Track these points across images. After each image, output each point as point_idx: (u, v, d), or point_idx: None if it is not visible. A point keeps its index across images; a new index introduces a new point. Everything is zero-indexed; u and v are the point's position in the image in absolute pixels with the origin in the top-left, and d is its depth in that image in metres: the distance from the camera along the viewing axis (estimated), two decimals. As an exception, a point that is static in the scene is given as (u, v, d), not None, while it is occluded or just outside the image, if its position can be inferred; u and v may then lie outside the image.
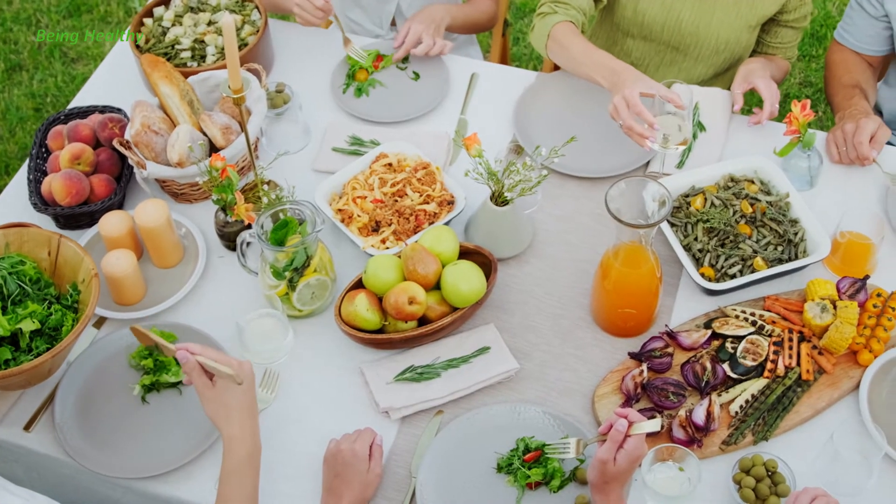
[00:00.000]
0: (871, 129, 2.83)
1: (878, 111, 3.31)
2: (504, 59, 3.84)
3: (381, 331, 2.51)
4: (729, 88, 3.13)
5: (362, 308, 2.46)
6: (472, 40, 3.70)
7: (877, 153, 2.84)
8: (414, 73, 3.16)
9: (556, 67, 3.64)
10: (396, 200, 2.73)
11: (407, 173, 2.78)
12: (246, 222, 2.64)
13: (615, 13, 3.17)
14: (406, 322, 2.48)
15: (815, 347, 2.51)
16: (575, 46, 2.93)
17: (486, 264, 2.59)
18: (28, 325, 2.42)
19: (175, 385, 2.51)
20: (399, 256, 2.54)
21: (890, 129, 2.90)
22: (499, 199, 2.60)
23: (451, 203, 2.74)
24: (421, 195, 2.73)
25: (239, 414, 2.17)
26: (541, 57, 3.78)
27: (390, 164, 2.82)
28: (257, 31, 3.07)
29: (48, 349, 2.41)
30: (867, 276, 2.60)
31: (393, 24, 3.49)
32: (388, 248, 2.65)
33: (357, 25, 3.53)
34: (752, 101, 3.51)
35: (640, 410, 2.40)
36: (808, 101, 2.76)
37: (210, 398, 2.17)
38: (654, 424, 2.10)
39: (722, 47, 3.13)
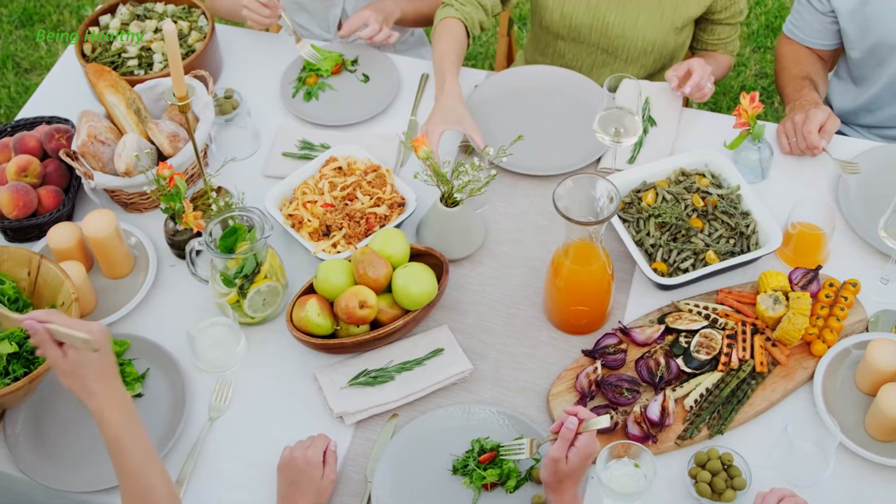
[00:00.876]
0: (821, 118, 2.83)
1: (829, 104, 3.32)
2: (511, 60, 3.81)
3: (333, 335, 2.50)
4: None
5: (313, 313, 2.45)
6: (423, 41, 3.68)
7: (826, 143, 2.84)
8: (364, 75, 3.14)
9: (509, 65, 3.64)
10: (347, 204, 2.72)
11: (357, 176, 2.76)
12: (195, 230, 2.62)
13: (544, 16, 3.18)
14: (358, 326, 2.47)
15: (768, 339, 2.51)
16: (438, 48, 2.99)
17: (438, 266, 2.58)
18: (5, 348, 2.39)
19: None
20: (350, 260, 2.53)
21: (839, 120, 2.90)
22: (448, 201, 2.59)
23: (401, 205, 2.72)
24: (371, 198, 2.72)
25: (100, 384, 2.03)
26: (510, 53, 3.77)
27: (340, 168, 2.80)
28: (204, 38, 3.05)
29: (25, 374, 2.38)
30: (819, 267, 2.60)
31: (340, 27, 3.48)
32: (339, 252, 2.63)
33: (304, 30, 3.51)
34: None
35: (594, 408, 2.39)
36: (757, 94, 2.76)
37: (66, 371, 2.02)
38: (604, 420, 2.09)
39: (649, 48, 3.14)
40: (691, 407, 2.41)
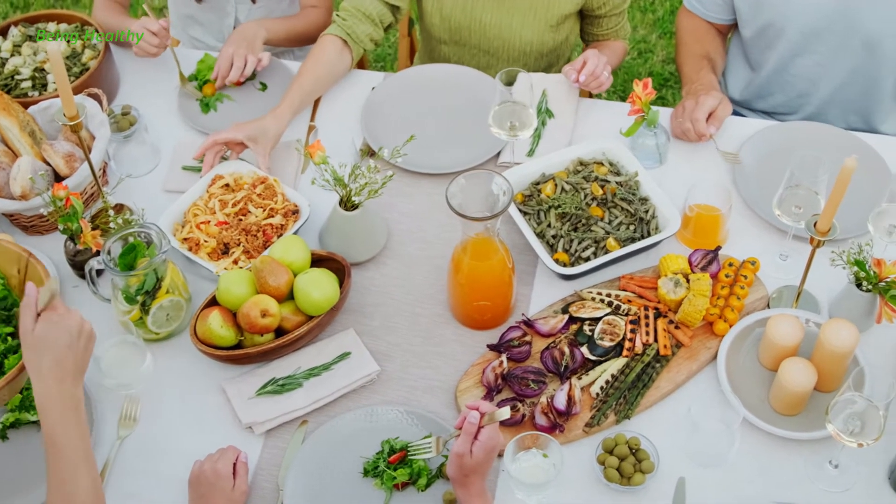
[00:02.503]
0: (711, 105, 2.86)
1: (727, 88, 3.36)
2: (360, 63, 3.82)
3: (238, 346, 2.49)
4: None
5: (216, 325, 2.44)
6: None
7: (715, 129, 2.87)
8: (261, 83, 3.14)
9: (410, 64, 3.65)
10: (241, 219, 2.71)
11: (246, 190, 2.75)
12: (95, 249, 2.61)
13: (425, 20, 3.20)
14: (262, 335, 2.46)
15: (671, 322, 2.54)
16: (300, 69, 3.02)
17: (341, 270, 2.58)
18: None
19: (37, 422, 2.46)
20: (251, 270, 2.52)
21: (731, 106, 2.93)
22: (347, 204, 2.59)
23: (296, 212, 2.72)
24: (264, 210, 2.71)
25: (53, 371, 2.00)
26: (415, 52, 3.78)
27: (227, 185, 2.79)
28: (98, 56, 3.03)
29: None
30: (718, 248, 2.63)
31: None
32: (241, 268, 2.62)
33: (199, 42, 3.51)
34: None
35: (501, 401, 2.40)
36: (650, 80, 2.79)
37: (28, 343, 2.01)
38: (505, 412, 2.11)
39: (528, 48, 3.17)
40: (597, 394, 2.43)
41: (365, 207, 2.62)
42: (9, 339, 2.40)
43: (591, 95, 3.38)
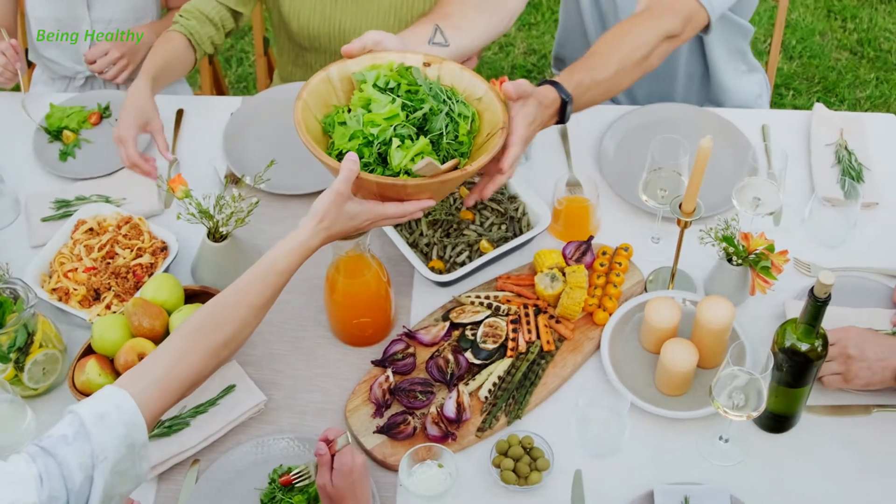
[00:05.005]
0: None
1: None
2: (219, 88, 3.79)
3: (119, 392, 2.44)
4: None
5: (94, 374, 2.39)
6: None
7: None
8: (117, 121, 3.07)
9: (269, 83, 3.62)
10: (108, 263, 2.66)
11: (111, 232, 2.70)
12: (-42, 312, 2.54)
13: (288, 29, 3.17)
14: (142, 378, 2.42)
15: (552, 317, 2.55)
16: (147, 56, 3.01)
17: (216, 303, 2.55)
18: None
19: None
20: (124, 314, 2.47)
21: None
22: (216, 235, 2.56)
23: (164, 249, 2.68)
24: (132, 250, 2.66)
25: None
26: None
27: (91, 229, 2.74)
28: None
29: None
30: (591, 237, 2.65)
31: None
32: (114, 312, 2.57)
33: (56, 65, 3.45)
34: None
35: (392, 415, 2.39)
36: (506, 78, 2.79)
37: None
38: (343, 440, 2.10)
39: None
40: (486, 397, 2.43)
41: (234, 236, 2.58)
42: None
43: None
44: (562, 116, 2.49)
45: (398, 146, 2.19)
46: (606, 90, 2.58)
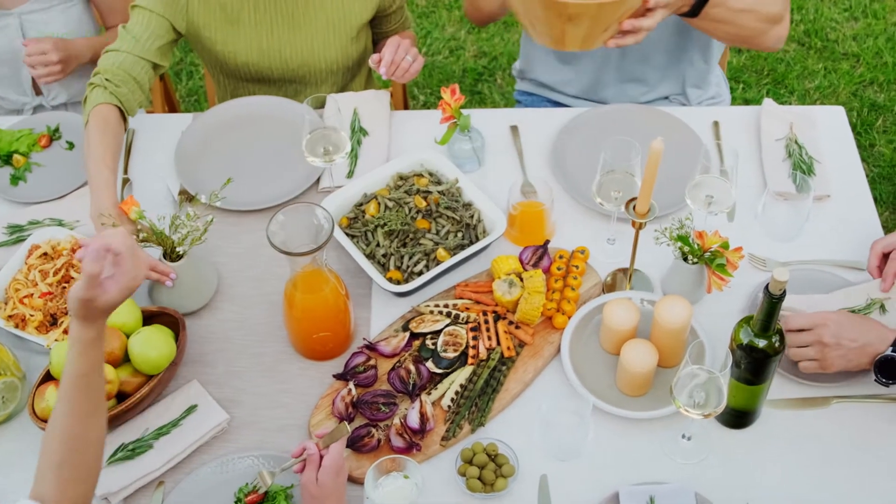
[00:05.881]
0: None
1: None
2: (171, 102, 3.76)
3: (80, 418, 2.42)
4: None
5: (53, 400, 2.37)
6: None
7: None
8: (68, 143, 3.06)
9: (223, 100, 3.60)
10: (64, 287, 2.64)
11: (66, 256, 2.68)
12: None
13: (225, 67, 3.14)
14: (103, 403, 2.40)
15: (511, 323, 2.56)
16: (93, 150, 2.71)
17: (174, 323, 2.53)
18: None
19: None
20: (82, 338, 2.46)
21: None
22: (172, 255, 2.55)
23: (120, 272, 2.66)
24: (87, 273, 2.64)
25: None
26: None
27: (46, 254, 2.71)
28: None
29: None
30: (547, 241, 2.66)
31: (36, 89, 3.39)
32: (72, 335, 2.56)
33: (2, 100, 3.41)
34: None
35: (356, 428, 2.38)
36: (457, 86, 2.80)
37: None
38: (343, 428, 2.12)
39: (334, 66, 3.15)
40: (449, 406, 2.43)
41: (190, 255, 2.57)
42: None
43: (406, 105, 3.38)
44: (693, 8, 2.72)
45: None
46: (728, 18, 2.81)
